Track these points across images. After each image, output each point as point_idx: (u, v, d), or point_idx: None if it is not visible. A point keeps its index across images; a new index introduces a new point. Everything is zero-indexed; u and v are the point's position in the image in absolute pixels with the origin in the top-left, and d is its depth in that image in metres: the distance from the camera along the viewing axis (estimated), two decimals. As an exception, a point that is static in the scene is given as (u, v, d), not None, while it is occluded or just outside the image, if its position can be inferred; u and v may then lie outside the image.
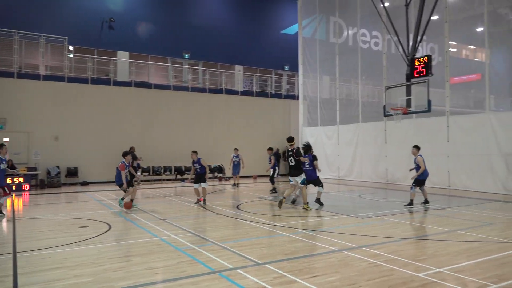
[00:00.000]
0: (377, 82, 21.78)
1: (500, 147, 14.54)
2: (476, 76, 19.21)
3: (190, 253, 6.46)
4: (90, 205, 12.47)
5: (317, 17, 24.37)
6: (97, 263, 5.95)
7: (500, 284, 4.92)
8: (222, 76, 24.13)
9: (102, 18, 21.76)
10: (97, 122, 19.56)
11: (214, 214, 10.55)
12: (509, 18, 17.54)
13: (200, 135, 22.04)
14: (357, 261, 5.95)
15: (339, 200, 13.72)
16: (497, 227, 8.53)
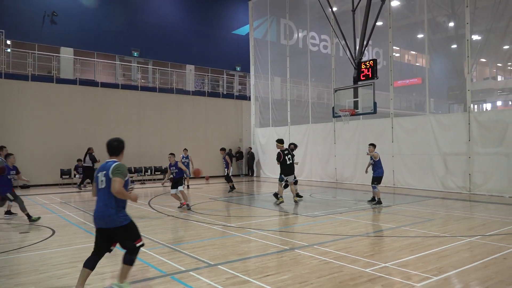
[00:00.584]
0: (326, 84, 22.41)
1: (439, 147, 15.48)
2: (417, 80, 20.36)
3: (140, 257, 6.28)
4: (32, 209, 11.75)
5: (268, 19, 24.64)
6: (40, 270, 5.63)
7: (440, 276, 5.24)
8: (173, 75, 23.70)
9: (43, 11, 20.60)
10: (39, 121, 18.47)
11: (165, 216, 10.35)
12: (447, 26, 18.73)
13: (150, 136, 21.52)
14: (308, 259, 6.08)
15: (291, 200, 13.94)
16: (437, 223, 9.06)
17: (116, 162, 4.60)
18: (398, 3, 19.51)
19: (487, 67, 28.16)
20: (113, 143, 4.77)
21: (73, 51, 21.18)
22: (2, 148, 10.89)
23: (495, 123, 13.99)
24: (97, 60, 21.83)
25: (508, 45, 14.59)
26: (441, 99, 22.10)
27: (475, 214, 10.41)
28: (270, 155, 23.82)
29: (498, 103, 25.73)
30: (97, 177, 4.63)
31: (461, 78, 16.62)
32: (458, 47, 17.43)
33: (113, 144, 4.76)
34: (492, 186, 13.97)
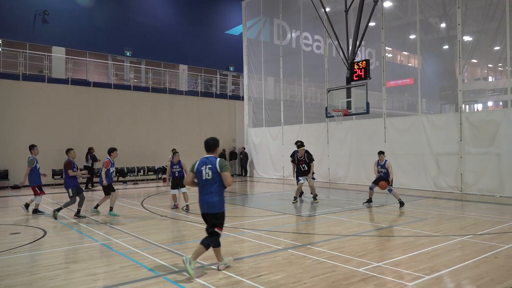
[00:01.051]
0: (319, 84, 22.47)
1: (431, 147, 15.59)
2: (410, 80, 20.46)
3: (133, 257, 6.26)
4: (23, 210, 11.65)
5: (261, 19, 24.65)
6: (30, 271, 5.58)
7: (432, 275, 5.28)
8: (165, 75, 23.61)
9: (35, 10, 20.40)
10: (30, 121, 18.30)
11: (158, 216, 10.30)
12: (439, 27, 18.87)
13: (143, 136, 21.41)
14: (301, 259, 6.09)
15: (284, 200, 13.96)
16: (429, 222, 9.13)
17: (218, 158, 5.53)
18: (391, 4, 19.62)
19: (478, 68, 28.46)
20: (209, 141, 5.65)
21: (65, 51, 21.01)
22: (34, 147, 11.17)
23: (486, 123, 14.12)
24: (89, 60, 21.69)
25: (499, 46, 14.71)
26: (433, 99, 22.25)
27: (466, 213, 10.50)
28: (264, 155, 23.86)
29: (489, 103, 25.99)
30: (200, 170, 5.46)
31: (453, 78, 16.75)
32: (450, 48, 17.56)
33: (209, 142, 5.64)
34: (483, 186, 14.10)
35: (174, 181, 11.67)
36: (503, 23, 14.03)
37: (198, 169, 5.51)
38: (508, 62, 13.93)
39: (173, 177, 11.72)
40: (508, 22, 13.75)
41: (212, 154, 5.64)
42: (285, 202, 13.37)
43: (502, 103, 17.45)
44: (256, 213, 11.09)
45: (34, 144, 11.29)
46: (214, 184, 5.44)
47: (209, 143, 5.64)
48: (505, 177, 13.55)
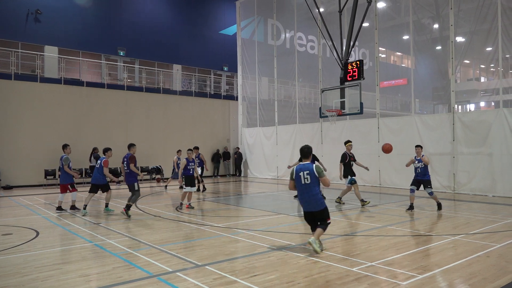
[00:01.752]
0: (313, 84, 22.52)
1: (424, 147, 15.63)
2: (403, 81, 20.60)
3: (127, 258, 6.23)
4: (15, 210, 11.56)
5: (255, 19, 24.65)
6: (22, 272, 5.53)
7: (425, 274, 5.31)
8: (159, 75, 23.53)
9: (27, 9, 20.23)
10: (22, 121, 18.14)
11: (152, 216, 10.27)
12: (432, 27, 19.00)
13: (136, 136, 21.29)
14: (295, 259, 6.10)
15: (278, 200, 13.98)
16: (423, 222, 9.18)
17: (314, 164, 6.30)
18: (384, 4, 19.71)
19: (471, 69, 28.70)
20: (304, 149, 6.43)
21: (58, 50, 20.86)
22: (67, 146, 11.42)
23: (478, 123, 14.24)
24: (82, 59, 21.55)
25: (491, 47, 14.84)
26: (426, 99, 22.41)
27: (459, 213, 10.58)
28: (258, 155, 23.86)
29: (481, 103, 26.23)
30: (299, 176, 6.28)
31: (446, 79, 16.87)
32: (443, 48, 17.69)
33: (304, 150, 6.42)
34: (475, 186, 14.21)
35: (189, 179, 11.48)
36: (495, 24, 14.16)
37: (297, 175, 6.31)
38: (500, 63, 14.06)
39: (189, 174, 11.50)
40: (500, 23, 13.88)
41: (307, 160, 6.36)
42: (279, 202, 13.39)
43: (494, 104, 17.61)
44: (250, 213, 11.09)
45: (67, 144, 11.67)
46: (314, 187, 6.23)
47: (304, 151, 6.41)
48: (497, 177, 13.67)
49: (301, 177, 6.27)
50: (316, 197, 6.28)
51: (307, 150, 6.38)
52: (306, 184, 6.24)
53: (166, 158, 21.63)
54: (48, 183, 18.34)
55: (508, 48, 14.03)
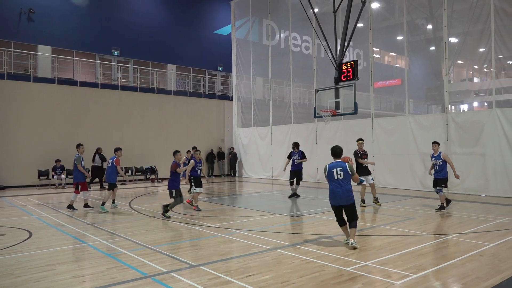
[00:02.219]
0: (308, 84, 22.58)
1: (418, 147, 15.76)
2: (397, 81, 20.70)
3: (121, 259, 6.20)
4: (8, 211, 11.47)
5: (250, 19, 24.65)
6: (15, 274, 5.48)
7: (419, 274, 5.33)
8: (154, 75, 23.45)
9: (20, 8, 20.06)
10: (15, 121, 17.98)
11: (146, 217, 10.23)
12: (425, 28, 19.11)
13: (131, 136, 21.22)
14: (290, 259, 6.10)
15: (273, 200, 13.99)
16: (416, 221, 9.23)
17: (345, 163, 6.86)
18: (378, 5, 19.79)
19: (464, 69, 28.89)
20: (337, 149, 7.05)
21: (51, 49, 20.72)
22: (80, 146, 11.83)
23: (471, 123, 14.33)
24: (76, 59, 21.42)
25: (484, 48, 14.96)
26: (420, 100, 22.53)
27: (452, 212, 10.64)
28: (252, 155, 23.86)
29: (474, 104, 26.42)
30: (332, 172, 6.84)
31: (439, 79, 16.97)
32: (436, 49, 17.79)
33: (337, 150, 7.03)
34: (468, 185, 14.30)
35: (198, 180, 11.37)
36: (488, 25, 14.27)
37: (330, 171, 6.86)
38: (493, 63, 14.16)
39: (197, 175, 11.40)
40: (493, 24, 13.99)
41: (339, 159, 6.96)
42: (273, 202, 13.40)
43: (487, 104, 17.75)
44: (245, 213, 11.08)
45: (80, 143, 12.06)
46: (346, 182, 6.78)
47: (337, 151, 7.02)
48: (490, 177, 13.77)
49: (334, 173, 6.82)
50: (348, 192, 6.77)
51: (339, 151, 7.02)
52: (339, 179, 6.78)
53: (160, 158, 21.57)
54: (42, 183, 18.21)
55: (501, 49, 14.14)
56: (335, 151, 7.05)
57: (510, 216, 9.81)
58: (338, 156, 7.02)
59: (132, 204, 12.64)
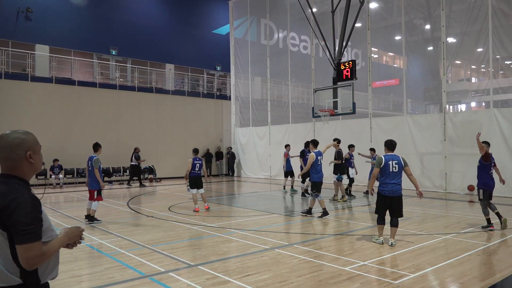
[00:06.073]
0: (306, 84, 22.58)
1: (416, 147, 15.79)
2: (395, 81, 20.71)
3: (119, 258, 6.19)
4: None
5: (248, 19, 24.63)
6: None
7: (417, 273, 5.34)
8: (152, 74, 23.41)
9: (17, 7, 19.99)
10: (12, 120, 17.91)
11: (144, 216, 10.22)
12: (423, 28, 19.14)
13: (128, 135, 21.18)
14: (288, 258, 6.11)
15: (271, 199, 13.99)
16: (414, 221, 9.25)
17: (399, 156, 7.13)
18: (376, 5, 19.81)
19: (462, 69, 28.95)
20: (393, 142, 7.24)
21: (49, 49, 20.66)
22: (98, 146, 9.63)
23: (469, 123, 14.37)
24: (73, 58, 21.36)
25: (482, 48, 15.00)
26: (417, 99, 22.56)
27: (450, 212, 10.67)
28: (250, 155, 23.86)
29: (472, 104, 26.48)
30: (388, 164, 6.97)
31: (437, 79, 17.01)
32: (434, 49, 17.83)
33: (393, 143, 7.22)
34: (466, 185, 14.33)
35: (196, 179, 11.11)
36: (485, 25, 14.30)
37: (386, 163, 7.01)
38: (491, 64, 14.20)
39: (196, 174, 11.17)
40: (491, 24, 14.03)
41: (393, 152, 7.15)
42: (272, 201, 13.40)
43: (485, 104, 17.79)
44: (243, 213, 11.08)
45: (99, 143, 9.75)
46: (399, 175, 7.00)
47: (393, 144, 7.22)
48: (488, 177, 13.78)
49: (390, 165, 7.01)
50: (398, 185, 7.02)
51: (394, 143, 7.24)
52: (394, 172, 6.97)
53: (158, 158, 21.55)
54: (39, 183, 18.16)
55: (498, 49, 14.18)
56: (391, 144, 7.22)
57: (508, 216, 9.84)
58: (392, 150, 7.20)
59: (130, 204, 12.63)
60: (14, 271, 1.99)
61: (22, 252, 1.94)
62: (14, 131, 2.22)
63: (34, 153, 2.19)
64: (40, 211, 2.05)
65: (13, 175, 2.12)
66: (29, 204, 2.00)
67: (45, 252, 2.02)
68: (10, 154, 2.12)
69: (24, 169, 2.15)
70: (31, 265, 1.97)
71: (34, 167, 2.19)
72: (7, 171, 2.12)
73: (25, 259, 1.94)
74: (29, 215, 1.98)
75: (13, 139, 2.15)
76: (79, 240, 2.34)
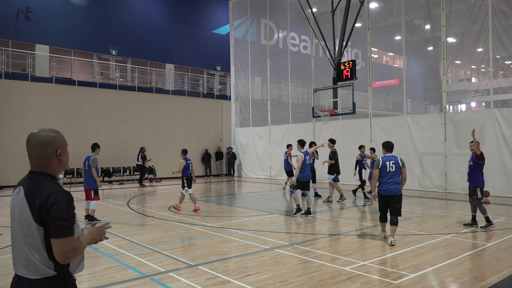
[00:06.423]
0: (306, 84, 22.57)
1: (416, 147, 15.79)
2: (395, 81, 20.71)
3: (119, 258, 6.19)
4: (6, 210, 11.43)
5: (248, 19, 24.63)
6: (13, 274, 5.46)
7: (417, 273, 5.34)
8: (152, 74, 23.41)
9: (17, 7, 19.99)
10: (12, 120, 17.93)
11: (144, 216, 10.22)
12: (423, 28, 19.13)
13: (128, 135, 21.18)
14: (288, 258, 6.11)
15: (271, 199, 13.98)
16: (414, 221, 9.25)
17: (398, 157, 7.28)
18: (376, 5, 19.81)
19: (462, 69, 28.95)
20: (390, 143, 7.49)
21: (49, 49, 20.66)
22: (97, 146, 9.93)
23: (469, 123, 14.35)
24: (73, 58, 21.36)
25: (482, 48, 14.99)
26: (418, 99, 22.56)
27: (450, 212, 10.67)
28: (250, 155, 23.86)
29: (472, 104, 26.47)
30: (385, 165, 7.18)
31: (437, 79, 17.00)
32: (434, 49, 17.82)
33: (390, 144, 7.46)
34: (466, 185, 14.24)
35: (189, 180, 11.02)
36: (485, 25, 14.30)
37: (383, 164, 7.21)
38: (491, 64, 14.19)
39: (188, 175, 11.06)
40: (491, 24, 14.02)
41: (391, 153, 7.38)
42: (272, 201, 13.39)
43: (485, 104, 17.78)
44: (243, 213, 11.08)
45: (97, 143, 10.06)
46: (396, 175, 7.15)
47: (390, 145, 7.46)
48: (488, 177, 13.73)
49: (387, 165, 7.20)
50: (397, 184, 7.15)
51: (392, 145, 7.48)
52: (391, 171, 7.16)
53: (158, 157, 21.54)
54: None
55: (498, 49, 14.17)
56: (389, 145, 7.46)
57: (508, 216, 9.84)
58: (390, 151, 7.41)
59: (130, 204, 12.62)
60: (49, 265, 2.10)
61: (58, 246, 2.04)
62: (43, 129, 2.31)
63: (63, 151, 2.28)
64: (73, 207, 2.15)
65: (43, 172, 2.21)
66: (65, 200, 2.10)
67: (78, 247, 2.13)
68: (42, 152, 2.22)
69: (53, 166, 2.25)
70: (66, 259, 2.08)
71: (62, 164, 2.29)
72: (37, 168, 2.22)
73: (61, 253, 2.05)
74: (66, 211, 2.07)
75: (44, 137, 2.25)
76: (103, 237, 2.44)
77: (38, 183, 2.14)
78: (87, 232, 2.31)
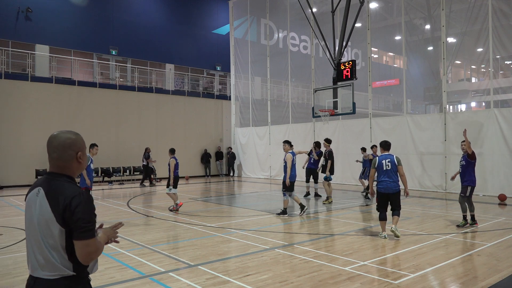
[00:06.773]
0: (306, 84, 22.57)
1: (416, 147, 15.79)
2: (395, 81, 20.72)
3: (119, 258, 6.19)
4: (5, 211, 11.43)
5: (248, 19, 24.64)
6: (13, 273, 5.47)
7: (417, 273, 5.34)
8: (152, 74, 23.41)
9: (17, 7, 19.98)
10: (13, 120, 17.94)
11: (144, 216, 10.22)
12: (423, 28, 19.13)
13: (128, 135, 21.18)
14: (288, 258, 6.11)
15: (271, 199, 13.99)
16: (414, 221, 9.25)
17: (393, 155, 7.50)
18: (377, 5, 19.81)
19: (462, 69, 28.96)
20: (387, 142, 7.67)
21: (49, 49, 20.66)
22: (93, 146, 9.74)
23: (469, 123, 14.34)
24: (74, 58, 21.36)
25: (482, 48, 15.00)
26: (418, 99, 22.57)
27: (450, 212, 10.67)
28: (250, 155, 23.86)
29: (472, 104, 26.48)
30: (381, 163, 7.41)
31: (437, 79, 17.00)
32: (434, 49, 17.82)
33: (387, 143, 7.65)
34: (466, 185, 14.30)
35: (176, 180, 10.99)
36: (485, 25, 14.30)
37: (379, 163, 7.44)
38: (491, 64, 14.19)
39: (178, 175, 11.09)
40: (491, 24, 14.02)
41: (388, 152, 7.56)
42: (272, 201, 13.39)
43: (485, 104, 17.79)
44: (243, 213, 11.08)
45: (95, 143, 9.91)
46: (393, 173, 7.36)
47: (387, 144, 7.65)
48: (488, 177, 13.80)
49: (383, 164, 7.40)
50: (394, 182, 7.37)
51: (389, 143, 7.66)
52: (387, 170, 7.36)
53: (158, 157, 21.53)
54: (39, 183, 18.14)
55: (498, 49, 14.17)
56: (386, 144, 7.63)
57: (508, 216, 9.84)
58: (387, 149, 7.58)
59: (130, 203, 12.63)
60: (68, 265, 2.11)
61: (82, 248, 2.06)
62: (63, 131, 2.33)
63: (83, 154, 2.29)
64: (94, 209, 2.17)
65: (63, 173, 2.21)
66: (89, 203, 2.13)
67: (99, 248, 2.16)
68: (62, 154, 2.22)
69: (73, 168, 2.25)
70: (90, 260, 2.11)
71: (81, 166, 2.30)
72: (57, 170, 2.22)
73: (85, 254, 2.07)
74: (89, 213, 2.10)
75: (65, 140, 2.26)
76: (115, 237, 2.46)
77: (58, 184, 2.14)
78: (101, 232, 2.33)
